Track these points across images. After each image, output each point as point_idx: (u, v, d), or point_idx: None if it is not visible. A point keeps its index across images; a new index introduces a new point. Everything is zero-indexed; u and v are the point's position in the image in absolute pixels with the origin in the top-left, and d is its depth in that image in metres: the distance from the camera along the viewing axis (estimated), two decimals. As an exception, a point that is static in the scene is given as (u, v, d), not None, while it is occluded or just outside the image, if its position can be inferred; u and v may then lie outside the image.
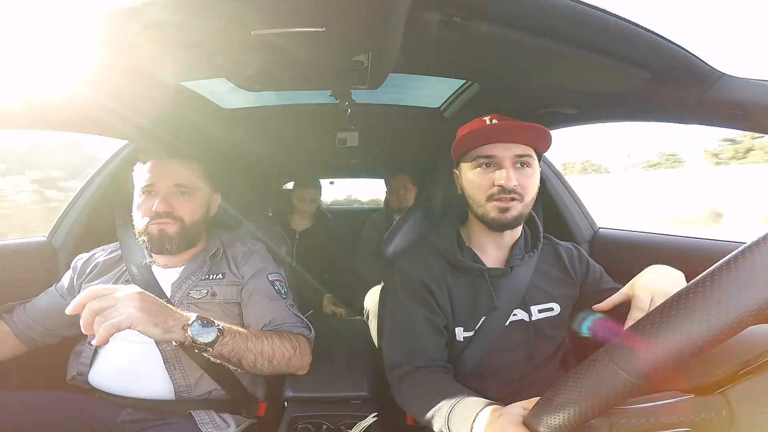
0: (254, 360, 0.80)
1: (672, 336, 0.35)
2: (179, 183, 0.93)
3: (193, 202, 0.95)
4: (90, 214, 1.33)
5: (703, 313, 0.34)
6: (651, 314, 0.38)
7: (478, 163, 0.80)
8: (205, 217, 1.00)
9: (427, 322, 0.82)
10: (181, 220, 0.92)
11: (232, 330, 0.78)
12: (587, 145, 67.29)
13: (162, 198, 0.91)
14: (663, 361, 0.36)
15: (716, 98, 0.73)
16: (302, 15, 0.60)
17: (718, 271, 0.35)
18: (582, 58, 0.72)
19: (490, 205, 0.78)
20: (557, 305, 0.86)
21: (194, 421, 0.85)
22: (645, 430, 0.41)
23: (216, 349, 0.74)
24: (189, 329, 0.71)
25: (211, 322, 0.74)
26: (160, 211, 0.90)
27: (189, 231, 0.94)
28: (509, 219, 0.78)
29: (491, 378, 0.82)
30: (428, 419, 0.67)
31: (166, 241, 0.91)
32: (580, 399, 0.40)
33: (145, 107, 1.06)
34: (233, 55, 0.74)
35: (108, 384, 0.89)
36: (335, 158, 2.32)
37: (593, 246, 1.39)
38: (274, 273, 1.01)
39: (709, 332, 0.34)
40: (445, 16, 0.62)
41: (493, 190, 0.78)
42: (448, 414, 0.63)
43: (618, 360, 0.38)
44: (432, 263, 0.86)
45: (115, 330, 0.63)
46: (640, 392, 0.38)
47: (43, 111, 0.92)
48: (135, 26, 0.57)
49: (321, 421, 0.83)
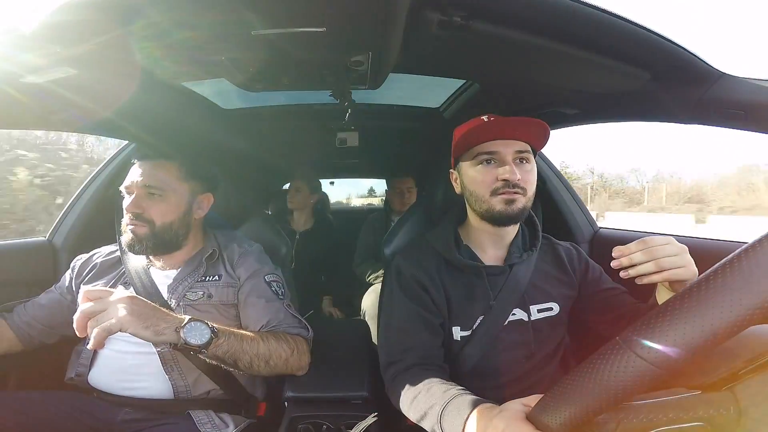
0: (250, 361, 0.80)
1: (695, 322, 0.34)
2: (148, 184, 0.92)
3: (165, 203, 0.93)
4: (90, 215, 1.33)
5: (726, 296, 0.33)
6: (670, 301, 0.37)
7: (480, 159, 0.80)
8: (185, 219, 0.97)
9: (422, 320, 0.82)
10: (151, 222, 0.91)
11: (227, 332, 0.78)
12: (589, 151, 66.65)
13: (133, 200, 0.91)
14: (685, 348, 0.35)
15: (716, 98, 0.73)
16: (302, 15, 0.60)
17: (744, 252, 0.34)
18: (582, 58, 0.73)
19: (495, 199, 0.79)
20: (556, 305, 0.86)
21: (193, 420, 0.85)
22: (653, 425, 0.41)
23: (210, 350, 0.74)
24: (181, 331, 0.71)
25: (205, 324, 0.74)
26: (130, 212, 0.91)
27: (161, 233, 0.93)
28: (516, 211, 0.78)
29: (490, 378, 0.82)
30: (420, 417, 0.67)
31: (135, 242, 0.91)
32: (595, 389, 0.38)
33: (146, 107, 1.06)
34: (233, 55, 0.74)
35: (107, 384, 0.89)
36: (335, 158, 2.32)
37: (593, 246, 1.39)
38: (271, 274, 1.01)
39: (732, 318, 0.33)
40: (445, 16, 0.62)
41: (498, 184, 0.78)
42: (441, 412, 0.62)
43: (637, 347, 0.37)
44: (428, 262, 0.86)
45: (107, 333, 0.64)
46: (660, 381, 0.37)
47: (43, 111, 0.92)
48: (135, 26, 0.57)
49: (321, 421, 0.83)
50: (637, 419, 0.41)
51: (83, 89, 0.84)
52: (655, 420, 0.41)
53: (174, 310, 0.91)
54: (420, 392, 0.69)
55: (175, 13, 0.55)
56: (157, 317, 0.71)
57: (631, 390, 0.37)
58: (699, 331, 0.34)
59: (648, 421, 0.41)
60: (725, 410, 0.40)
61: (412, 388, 0.72)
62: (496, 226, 0.82)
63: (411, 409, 0.70)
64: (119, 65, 0.76)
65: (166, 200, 0.93)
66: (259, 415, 0.97)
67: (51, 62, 0.67)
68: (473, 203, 0.83)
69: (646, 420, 0.41)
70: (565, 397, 0.42)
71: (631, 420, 0.41)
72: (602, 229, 1.44)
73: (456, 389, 0.66)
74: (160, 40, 0.66)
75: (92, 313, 0.66)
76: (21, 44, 0.60)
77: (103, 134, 1.19)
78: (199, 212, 1.00)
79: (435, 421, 0.63)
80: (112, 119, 1.09)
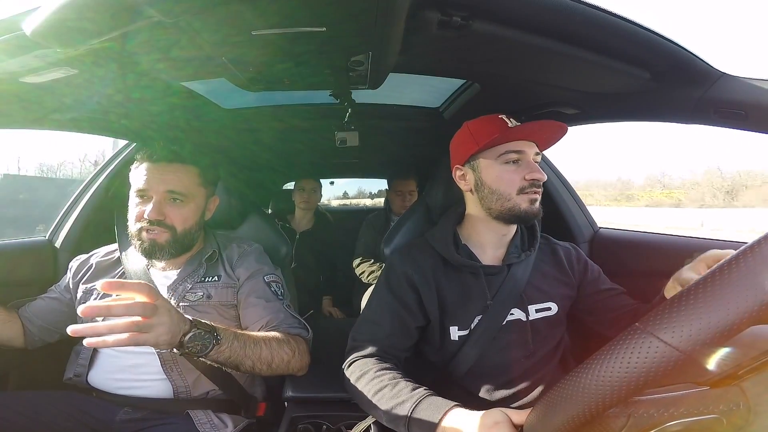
0: (252, 365, 0.80)
1: (721, 304, 0.33)
2: (173, 190, 0.90)
3: (186, 209, 0.92)
4: (91, 215, 1.33)
5: (749, 279, 0.32)
6: (692, 286, 0.36)
7: (507, 158, 0.81)
8: (199, 223, 0.97)
9: (397, 319, 0.83)
10: (173, 228, 0.90)
11: (230, 337, 0.76)
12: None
13: (154, 205, 0.88)
14: (711, 332, 0.33)
15: (716, 98, 0.73)
16: (302, 15, 0.60)
17: (765, 238, 0.33)
18: (582, 58, 0.73)
19: (521, 197, 0.80)
20: (555, 305, 0.86)
21: (192, 420, 0.85)
22: (664, 420, 0.40)
23: (211, 356, 0.73)
24: (185, 340, 0.69)
25: (208, 332, 0.72)
26: (152, 219, 0.88)
27: (181, 239, 0.92)
28: (538, 210, 0.82)
29: (489, 378, 0.82)
30: (379, 410, 0.69)
31: (157, 250, 0.89)
32: (614, 377, 0.37)
33: (146, 107, 1.06)
34: (233, 55, 0.74)
35: (106, 384, 0.89)
36: (335, 158, 2.32)
37: (593, 246, 1.39)
38: (270, 274, 1.01)
39: (757, 303, 0.32)
40: (445, 16, 0.62)
41: (524, 183, 0.80)
42: (413, 408, 0.64)
43: (659, 331, 0.36)
44: (424, 260, 0.87)
45: (134, 344, 0.61)
46: (684, 368, 0.36)
47: (43, 111, 0.92)
48: (135, 26, 0.57)
49: (321, 421, 0.83)
50: (647, 413, 0.40)
51: (83, 89, 0.84)
52: (666, 414, 0.40)
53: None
54: (381, 384, 0.71)
55: (175, 13, 0.55)
56: (179, 329, 0.67)
57: (654, 377, 0.36)
58: (724, 314, 0.33)
59: (660, 415, 0.40)
60: (735, 406, 0.39)
61: (369, 376, 0.74)
62: (508, 225, 0.85)
63: (366, 399, 0.72)
64: (119, 65, 0.76)
65: (187, 206, 0.92)
66: (258, 415, 0.97)
67: (51, 62, 0.67)
68: (493, 201, 0.82)
69: (657, 414, 0.40)
70: (575, 389, 0.40)
71: (642, 414, 0.40)
72: (602, 229, 1.43)
73: (424, 389, 0.68)
74: (160, 40, 0.66)
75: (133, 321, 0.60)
76: (21, 44, 0.60)
77: (103, 134, 1.19)
78: (208, 214, 1.01)
79: (405, 419, 0.64)
80: (112, 119, 1.09)
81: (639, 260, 1.23)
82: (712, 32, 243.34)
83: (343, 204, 6.45)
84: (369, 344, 0.81)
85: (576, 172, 42.36)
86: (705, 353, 0.36)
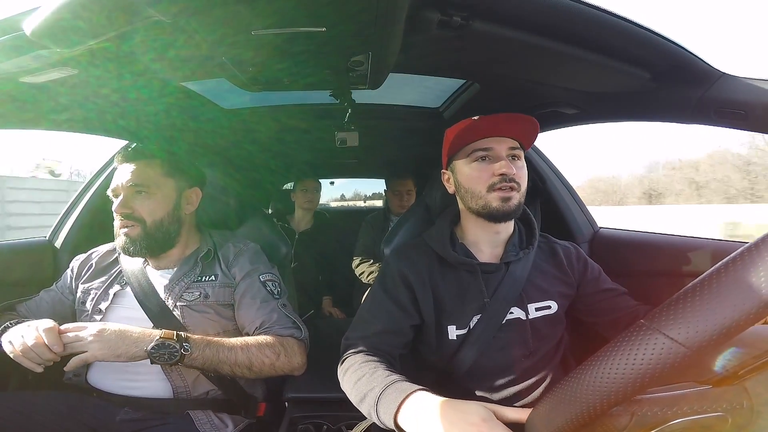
0: (231, 369, 0.83)
1: (727, 300, 0.33)
2: (135, 183, 0.92)
3: (152, 201, 0.94)
4: (91, 215, 1.33)
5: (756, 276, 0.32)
6: (698, 282, 0.36)
7: (475, 156, 0.82)
8: (174, 215, 0.97)
9: (389, 315, 0.83)
10: (142, 221, 0.92)
11: (201, 345, 0.80)
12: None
13: (121, 200, 0.92)
14: (717, 327, 0.33)
15: (716, 98, 0.73)
16: (302, 15, 0.60)
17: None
18: (582, 58, 0.72)
19: (492, 195, 0.80)
20: (554, 303, 0.86)
21: (192, 420, 0.85)
22: (668, 418, 0.40)
23: (185, 363, 0.78)
24: (149, 352, 0.76)
25: (175, 341, 0.77)
26: (119, 212, 0.91)
27: (153, 232, 0.93)
28: (512, 207, 0.80)
29: (489, 378, 0.82)
30: (359, 401, 0.69)
31: (129, 244, 0.92)
32: (618, 374, 0.36)
33: (146, 107, 1.06)
34: (233, 55, 0.74)
35: (106, 384, 0.89)
36: (335, 158, 2.32)
37: (593, 246, 1.39)
38: (266, 273, 1.00)
39: (763, 300, 0.31)
40: (445, 16, 0.62)
41: (494, 179, 0.80)
42: (380, 393, 0.64)
43: (665, 327, 0.35)
44: (420, 259, 0.87)
45: (83, 362, 0.74)
46: (690, 364, 0.35)
47: (43, 111, 0.92)
48: (135, 26, 0.57)
49: (321, 421, 0.84)
50: (651, 412, 0.40)
51: (83, 89, 0.84)
52: (670, 413, 0.39)
53: (171, 310, 0.91)
54: (364, 375, 0.71)
55: (174, 12, 0.55)
56: (126, 344, 0.76)
57: (660, 374, 0.35)
58: (731, 311, 0.33)
59: (663, 413, 0.39)
60: (739, 404, 0.39)
61: (357, 371, 0.74)
62: (492, 222, 0.84)
63: (352, 392, 0.72)
64: (119, 65, 0.76)
65: (152, 197, 0.94)
66: (259, 415, 0.97)
67: (51, 62, 0.67)
68: (469, 201, 0.84)
69: (660, 413, 0.40)
70: (581, 385, 0.40)
71: (645, 413, 0.40)
72: (602, 229, 1.43)
73: (397, 375, 0.68)
74: (160, 40, 0.66)
75: (70, 347, 0.74)
76: (21, 44, 0.60)
77: (103, 134, 1.19)
78: (189, 207, 1.01)
79: (372, 404, 0.65)
80: (112, 119, 1.09)
81: (639, 260, 1.23)
82: (712, 32, 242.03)
83: (341, 205, 6.45)
84: (361, 342, 0.81)
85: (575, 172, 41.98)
86: (711, 351, 0.35)
